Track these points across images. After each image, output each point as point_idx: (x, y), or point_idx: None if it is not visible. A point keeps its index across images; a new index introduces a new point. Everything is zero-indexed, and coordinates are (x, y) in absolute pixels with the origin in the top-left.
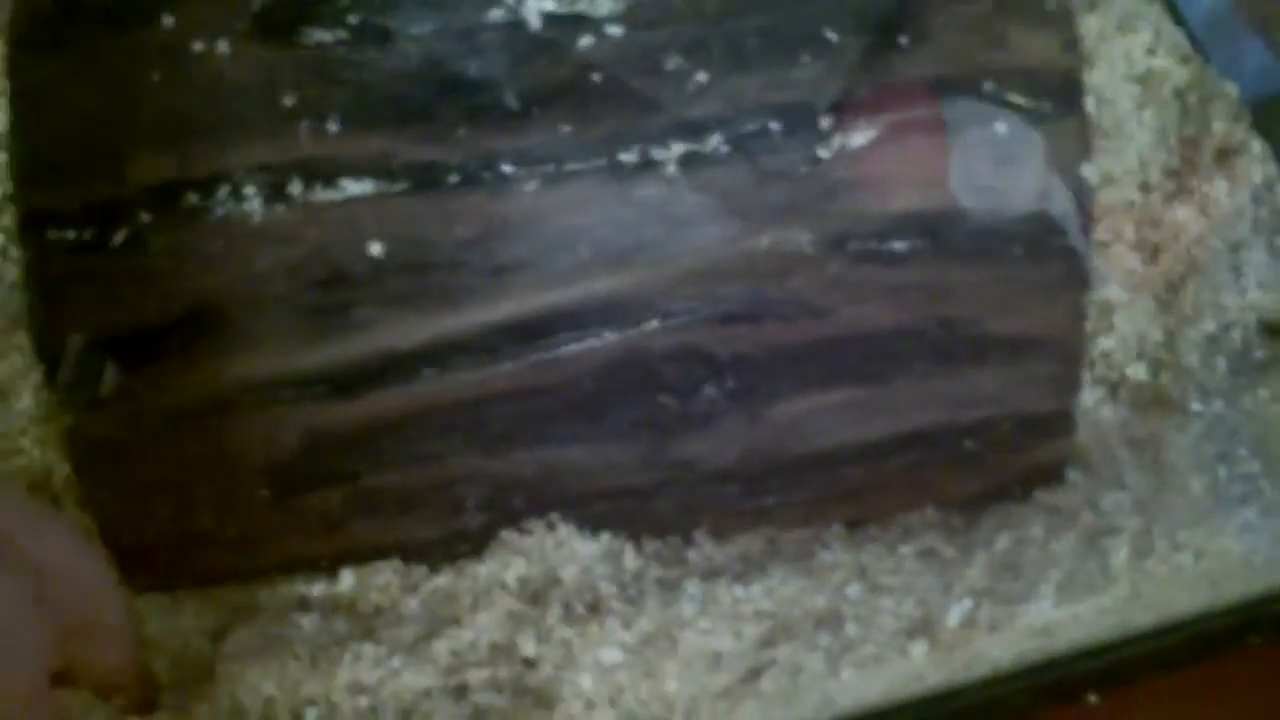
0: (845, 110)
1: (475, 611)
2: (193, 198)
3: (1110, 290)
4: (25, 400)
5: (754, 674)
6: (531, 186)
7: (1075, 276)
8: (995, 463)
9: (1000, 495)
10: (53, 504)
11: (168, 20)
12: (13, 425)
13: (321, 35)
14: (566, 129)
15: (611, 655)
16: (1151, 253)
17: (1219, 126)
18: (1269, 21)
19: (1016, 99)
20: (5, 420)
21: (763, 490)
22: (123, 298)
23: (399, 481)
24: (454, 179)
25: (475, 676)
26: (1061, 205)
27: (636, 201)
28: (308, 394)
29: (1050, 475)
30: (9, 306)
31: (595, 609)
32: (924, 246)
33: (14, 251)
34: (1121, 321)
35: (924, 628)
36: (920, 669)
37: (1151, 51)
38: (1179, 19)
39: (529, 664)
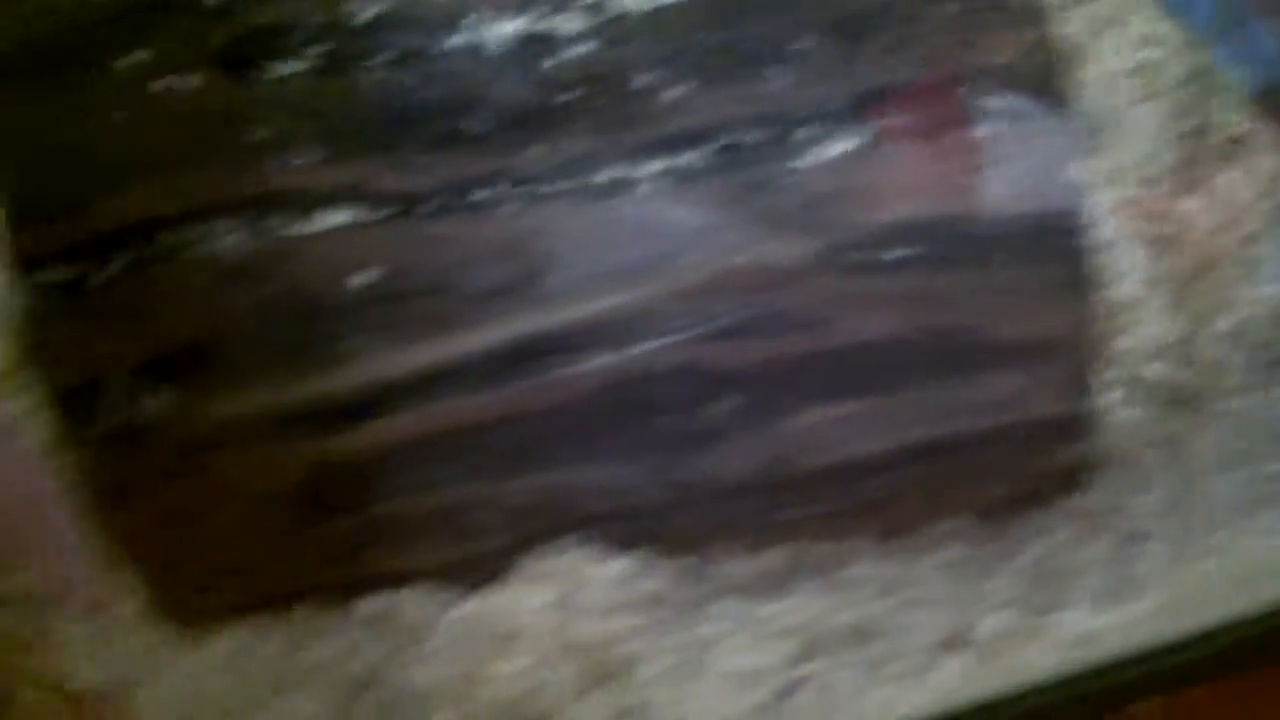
0: (821, 118)
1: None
2: (167, 237)
3: (1125, 288)
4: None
5: (787, 692)
6: (509, 210)
7: (1078, 277)
8: (1016, 470)
9: (1025, 502)
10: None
11: (131, 58)
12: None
13: (282, 68)
14: (538, 150)
15: (632, 697)
16: (1162, 249)
17: (1223, 117)
18: None
19: (998, 100)
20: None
21: (781, 505)
22: (105, 337)
23: (407, 510)
24: (430, 205)
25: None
26: (1056, 205)
27: (616, 220)
28: (302, 427)
29: (1074, 480)
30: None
31: (615, 642)
32: (918, 255)
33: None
34: (1138, 320)
35: (957, 640)
36: (956, 682)
37: (1146, 43)
38: (1171, 11)
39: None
